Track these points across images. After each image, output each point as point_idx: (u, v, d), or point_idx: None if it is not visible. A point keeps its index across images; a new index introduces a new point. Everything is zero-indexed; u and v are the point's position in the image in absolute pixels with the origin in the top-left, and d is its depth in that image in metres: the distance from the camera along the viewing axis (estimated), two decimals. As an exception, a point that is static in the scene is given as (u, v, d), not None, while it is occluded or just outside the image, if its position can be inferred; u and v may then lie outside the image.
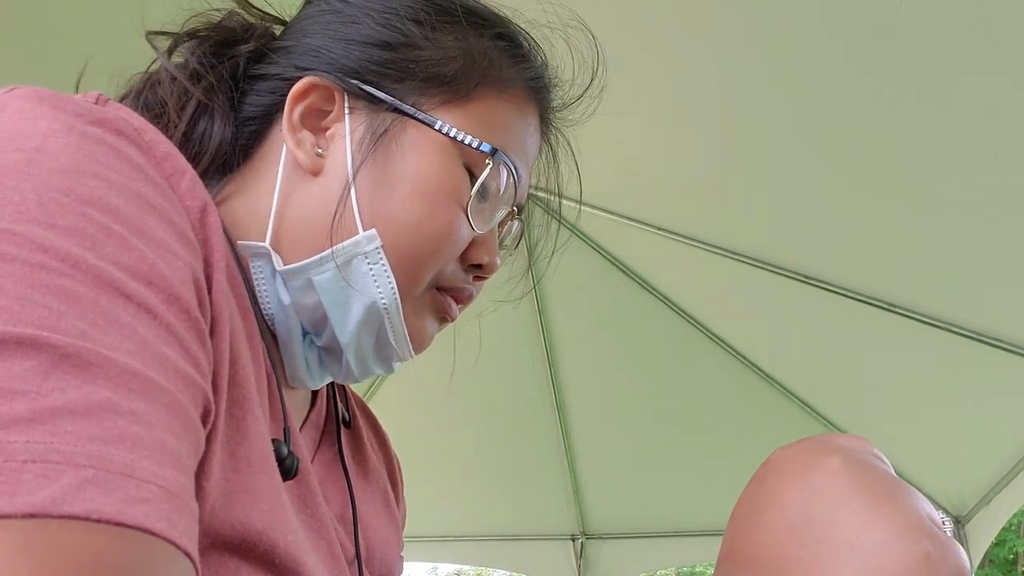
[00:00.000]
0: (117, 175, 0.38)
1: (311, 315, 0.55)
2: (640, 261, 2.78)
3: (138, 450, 0.31)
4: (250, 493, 0.42)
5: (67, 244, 0.34)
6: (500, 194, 0.58)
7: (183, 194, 0.42)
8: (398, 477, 0.76)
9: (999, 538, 9.65)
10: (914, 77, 1.73)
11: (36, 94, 0.39)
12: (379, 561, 0.63)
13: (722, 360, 2.91)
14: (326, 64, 0.56)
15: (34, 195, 0.34)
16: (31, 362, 0.30)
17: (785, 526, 0.37)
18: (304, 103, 0.56)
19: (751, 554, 0.38)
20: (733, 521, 0.41)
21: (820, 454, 0.39)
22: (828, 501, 0.37)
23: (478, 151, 0.56)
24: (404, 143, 0.55)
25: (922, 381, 2.58)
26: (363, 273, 0.54)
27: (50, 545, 0.27)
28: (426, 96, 0.56)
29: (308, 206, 0.54)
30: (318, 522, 0.52)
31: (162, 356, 0.35)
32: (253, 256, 0.54)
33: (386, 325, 0.55)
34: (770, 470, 0.40)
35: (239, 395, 0.43)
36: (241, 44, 0.58)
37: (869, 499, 0.36)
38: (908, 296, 2.30)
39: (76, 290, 0.33)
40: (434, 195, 0.54)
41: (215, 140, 0.56)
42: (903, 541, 0.34)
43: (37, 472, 0.28)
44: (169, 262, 0.37)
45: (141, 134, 0.41)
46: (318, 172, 0.55)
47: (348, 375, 0.59)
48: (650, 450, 3.29)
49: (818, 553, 0.35)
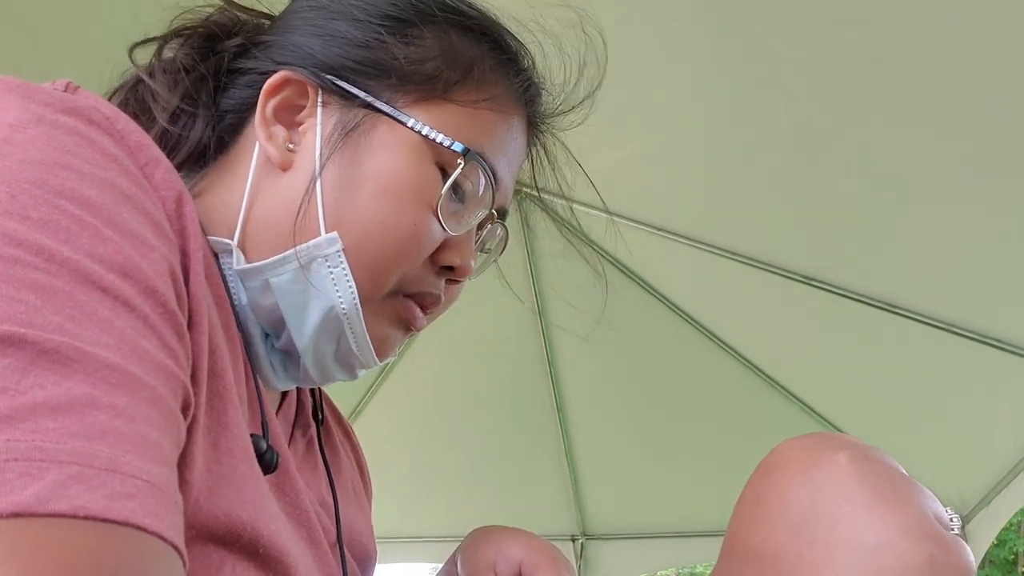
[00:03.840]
0: (90, 165, 0.37)
1: (269, 316, 0.54)
2: (640, 261, 2.77)
3: (121, 445, 0.31)
4: (232, 484, 0.42)
5: (41, 237, 0.33)
6: (477, 196, 0.56)
7: (158, 184, 0.41)
8: (366, 473, 0.76)
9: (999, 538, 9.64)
10: (915, 77, 1.72)
11: (3, 84, 0.39)
12: (358, 545, 0.63)
13: (722, 361, 2.91)
14: (303, 59, 0.55)
15: (5, 188, 0.34)
16: (8, 359, 0.30)
17: (787, 522, 0.36)
18: (278, 97, 0.55)
19: (752, 548, 0.37)
20: (736, 514, 0.40)
21: (826, 449, 0.38)
22: (832, 497, 0.36)
23: (450, 150, 0.54)
24: (373, 140, 0.54)
25: (922, 381, 2.58)
26: (322, 276, 0.52)
27: (37, 544, 0.27)
28: (400, 93, 0.55)
29: (275, 202, 0.53)
30: (298, 510, 0.52)
31: (141, 349, 0.34)
32: (223, 253, 0.53)
33: (346, 331, 0.54)
34: (774, 463, 0.39)
35: (219, 386, 0.43)
36: (228, 40, 0.58)
37: (874, 497, 0.35)
38: (908, 296, 2.30)
39: (52, 284, 0.32)
40: (401, 194, 0.53)
41: (194, 134, 0.55)
42: (906, 542, 0.34)
43: (20, 471, 0.27)
44: (145, 254, 0.37)
45: (113, 123, 0.41)
46: (288, 168, 0.54)
47: (307, 380, 0.57)
48: (650, 451, 3.28)
49: (819, 551, 0.35)
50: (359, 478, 0.72)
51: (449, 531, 3.68)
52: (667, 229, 2.44)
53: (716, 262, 2.45)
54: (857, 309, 2.36)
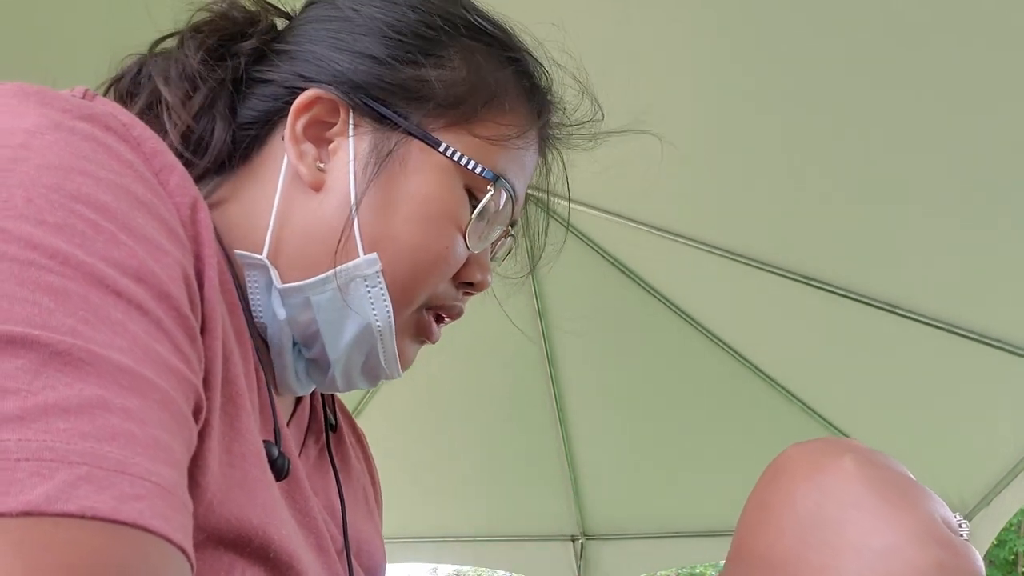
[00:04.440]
0: (106, 171, 0.37)
1: (304, 330, 0.55)
2: (640, 261, 2.77)
3: (131, 447, 0.31)
4: (245, 488, 0.42)
5: (56, 241, 0.33)
6: (499, 215, 0.58)
7: (172, 190, 0.41)
8: (377, 482, 0.76)
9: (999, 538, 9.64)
10: (915, 76, 1.73)
11: (21, 90, 0.39)
12: (366, 555, 0.63)
13: (722, 361, 2.91)
14: (331, 76, 0.55)
15: (22, 192, 0.34)
16: (21, 360, 0.30)
17: (794, 526, 0.36)
18: (308, 115, 0.55)
19: (759, 553, 0.37)
20: (743, 518, 0.40)
21: (833, 454, 0.38)
22: (839, 502, 0.36)
23: (480, 176, 0.55)
24: (408, 164, 0.54)
25: (922, 381, 2.58)
26: (361, 295, 0.53)
27: (45, 543, 0.27)
28: (431, 117, 0.55)
29: (307, 222, 0.54)
30: (307, 517, 0.52)
31: (153, 352, 0.34)
32: (248, 266, 0.54)
33: (378, 345, 0.56)
34: (782, 468, 0.39)
35: (232, 392, 0.43)
36: (243, 40, 0.57)
37: (881, 501, 0.35)
38: (908, 296, 2.30)
39: (66, 287, 0.32)
40: (435, 218, 0.54)
41: (216, 142, 0.55)
42: (914, 547, 0.34)
43: (31, 470, 0.28)
44: (159, 259, 0.37)
45: (129, 129, 0.41)
46: (319, 187, 0.54)
47: (332, 387, 0.59)
48: (650, 450, 3.28)
49: (826, 555, 0.35)
50: (370, 486, 0.73)
51: (449, 531, 3.68)
52: (667, 229, 2.44)
53: (716, 262, 2.45)
54: (857, 309, 2.36)
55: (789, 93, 1.89)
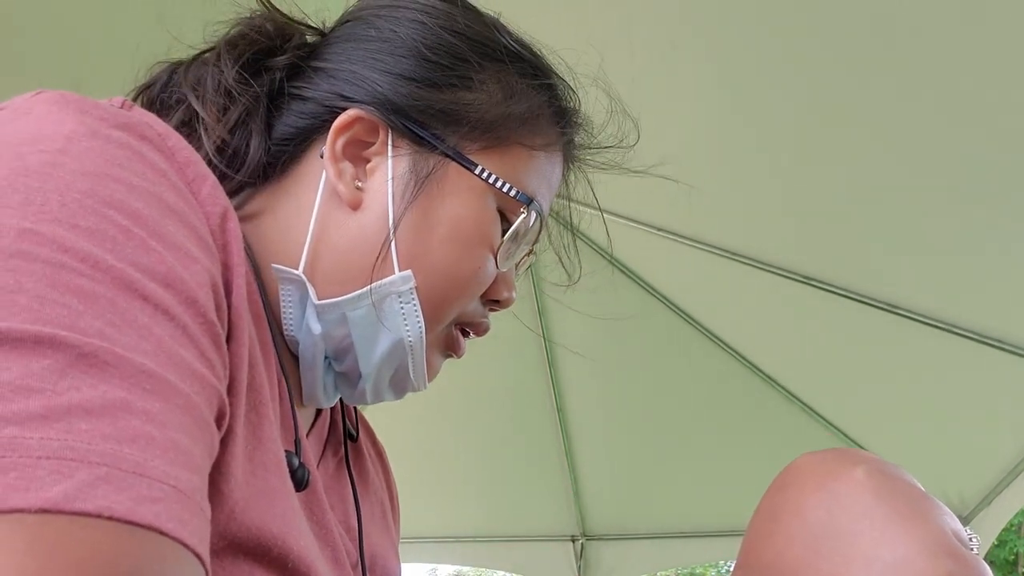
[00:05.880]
0: (139, 179, 0.38)
1: (337, 344, 0.56)
2: (640, 261, 2.77)
3: (151, 449, 0.31)
4: (265, 497, 0.42)
5: (88, 245, 0.34)
6: (526, 234, 0.59)
7: (203, 200, 0.42)
8: (395, 495, 0.76)
9: (1000, 539, 9.64)
10: (915, 76, 1.73)
11: (62, 98, 0.40)
12: (380, 569, 0.63)
13: (722, 361, 2.91)
14: (371, 96, 0.56)
15: (57, 196, 0.35)
16: (48, 360, 0.30)
17: (804, 536, 0.36)
18: (348, 134, 0.55)
19: (768, 562, 0.37)
20: (752, 526, 0.40)
21: (844, 464, 0.38)
22: (849, 512, 0.36)
23: (514, 199, 0.57)
24: (444, 186, 0.55)
25: (922, 381, 2.58)
26: (395, 311, 0.54)
27: (60, 541, 0.27)
28: (467, 139, 0.56)
29: (344, 240, 0.55)
30: (324, 529, 0.52)
31: (177, 357, 0.35)
32: (283, 280, 0.54)
33: (408, 360, 0.57)
34: (792, 477, 0.39)
35: (256, 400, 0.44)
36: (278, 55, 0.58)
37: (891, 512, 0.35)
38: (908, 296, 2.30)
39: (95, 290, 0.33)
40: (470, 239, 0.55)
41: (252, 157, 0.56)
42: (924, 558, 0.33)
43: (51, 468, 0.28)
44: (187, 265, 0.38)
45: (164, 139, 0.42)
46: (357, 206, 0.55)
47: (360, 399, 0.60)
48: (650, 451, 3.28)
49: (836, 565, 0.35)
50: (388, 500, 0.73)
51: (449, 531, 3.68)
52: (667, 229, 2.44)
53: (716, 262, 2.45)
54: (857, 309, 2.36)
55: (790, 93, 1.89)
